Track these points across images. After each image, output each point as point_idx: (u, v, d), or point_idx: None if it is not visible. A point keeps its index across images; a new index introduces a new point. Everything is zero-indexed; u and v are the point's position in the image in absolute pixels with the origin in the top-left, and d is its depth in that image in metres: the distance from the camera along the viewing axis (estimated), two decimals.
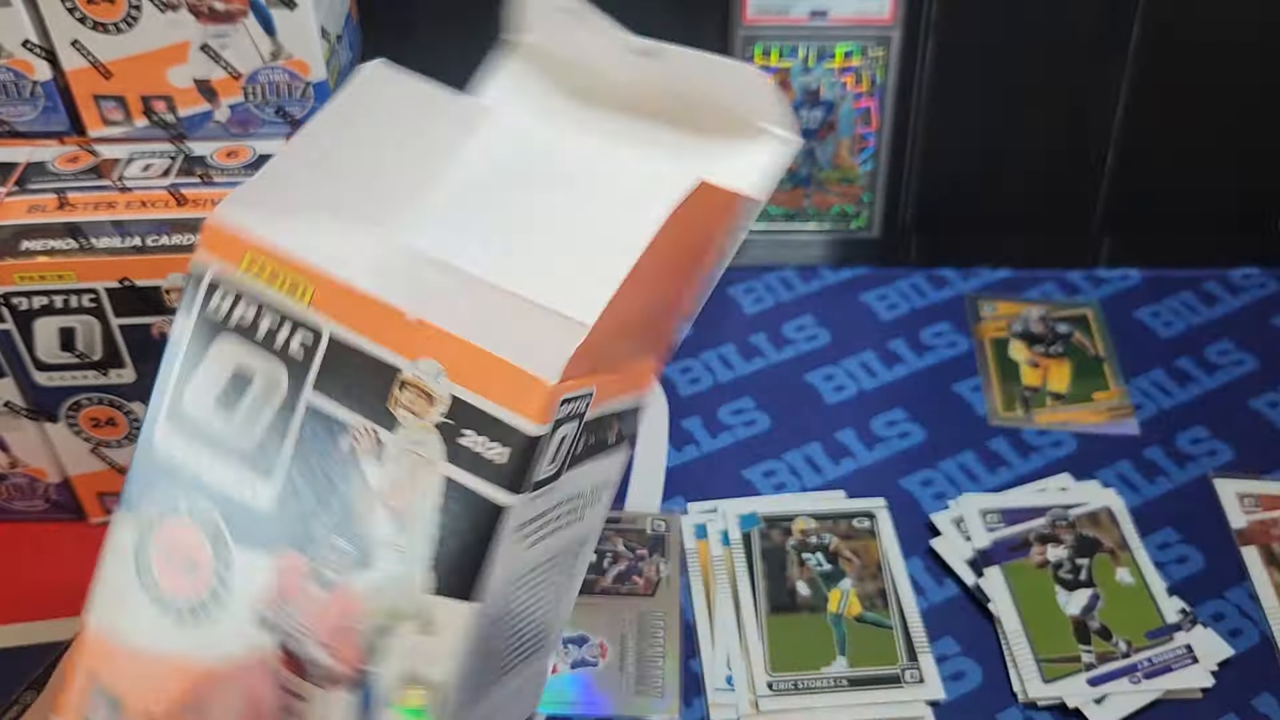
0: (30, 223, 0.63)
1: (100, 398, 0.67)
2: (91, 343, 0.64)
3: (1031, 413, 0.82)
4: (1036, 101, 0.88)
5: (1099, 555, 0.71)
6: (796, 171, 0.90)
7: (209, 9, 0.65)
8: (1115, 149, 0.90)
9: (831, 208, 0.92)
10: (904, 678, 0.66)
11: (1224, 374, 0.84)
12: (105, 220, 0.64)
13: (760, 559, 0.71)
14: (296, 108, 0.69)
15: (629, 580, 0.71)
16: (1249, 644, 0.68)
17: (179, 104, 0.69)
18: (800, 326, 0.89)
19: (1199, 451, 0.79)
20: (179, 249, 0.62)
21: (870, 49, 0.86)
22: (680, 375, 0.85)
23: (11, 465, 0.70)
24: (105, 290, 0.62)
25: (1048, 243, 0.93)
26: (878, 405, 0.82)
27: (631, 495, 0.76)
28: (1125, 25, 0.85)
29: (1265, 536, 0.73)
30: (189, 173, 0.67)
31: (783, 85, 0.87)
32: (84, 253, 0.62)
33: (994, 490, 0.76)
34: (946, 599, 0.70)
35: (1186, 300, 0.91)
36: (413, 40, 0.84)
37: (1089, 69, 0.86)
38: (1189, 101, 0.88)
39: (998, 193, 0.92)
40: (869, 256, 0.94)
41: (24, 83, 0.67)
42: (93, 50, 0.66)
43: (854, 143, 0.89)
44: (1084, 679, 0.65)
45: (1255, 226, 0.93)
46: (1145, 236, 0.93)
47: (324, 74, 0.68)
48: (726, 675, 0.66)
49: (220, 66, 0.67)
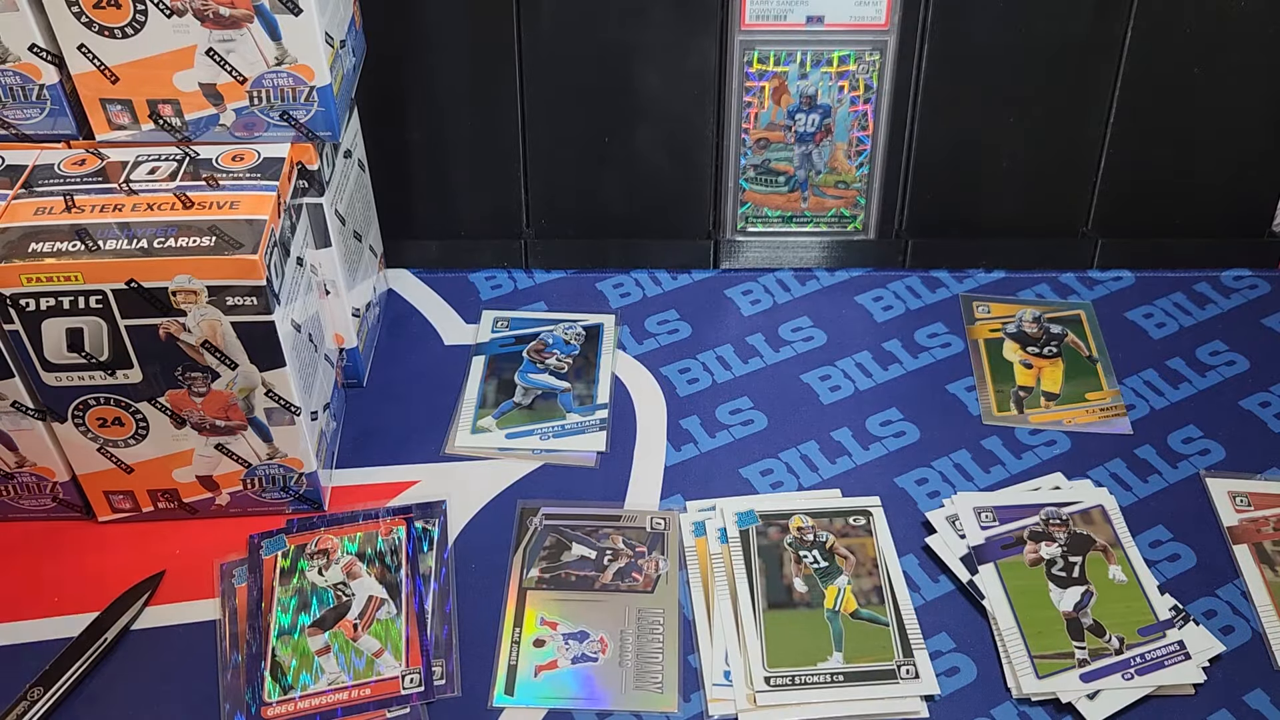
0: (38, 225, 0.64)
1: (107, 398, 0.67)
2: (99, 343, 0.65)
3: (1025, 412, 0.82)
4: (1030, 105, 0.88)
5: (1092, 553, 0.72)
6: (794, 175, 0.91)
7: (214, 14, 0.66)
8: (1108, 152, 0.90)
9: (828, 211, 0.93)
10: (899, 673, 0.66)
11: (1215, 374, 0.85)
12: (112, 223, 0.64)
13: (758, 556, 0.72)
14: (301, 112, 0.70)
15: (629, 577, 0.72)
16: (1241, 641, 0.69)
17: (185, 108, 0.69)
18: (797, 328, 0.89)
19: (1191, 451, 0.80)
20: (185, 251, 0.63)
21: (866, 54, 0.86)
22: (679, 375, 0.86)
23: (20, 464, 0.71)
24: (112, 291, 0.63)
25: (1041, 245, 0.94)
26: (873, 405, 0.83)
27: (631, 493, 0.77)
28: (1118, 30, 0.85)
29: (1256, 534, 0.74)
30: (195, 176, 0.68)
31: (780, 90, 0.88)
32: (91, 254, 0.62)
33: (988, 489, 0.77)
34: (941, 595, 0.71)
35: (1178, 301, 0.91)
36: (415, 46, 0.85)
37: (1082, 73, 0.87)
38: (1181, 106, 0.89)
39: (992, 195, 0.92)
40: (865, 259, 0.94)
41: (31, 86, 0.68)
42: (99, 54, 0.67)
43: (850, 147, 0.90)
44: (1077, 675, 0.66)
45: (1246, 229, 0.94)
46: (1137, 238, 0.94)
47: (328, 79, 0.69)
48: (725, 670, 0.67)
49: (226, 71, 0.68)
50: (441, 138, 0.89)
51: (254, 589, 0.70)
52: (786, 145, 0.90)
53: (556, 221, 0.94)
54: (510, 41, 0.85)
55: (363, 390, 0.85)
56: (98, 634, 0.67)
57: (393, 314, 0.91)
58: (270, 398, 0.69)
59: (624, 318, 0.91)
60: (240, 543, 0.73)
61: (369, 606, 0.69)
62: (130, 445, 0.70)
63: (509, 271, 0.95)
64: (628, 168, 0.91)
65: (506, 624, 0.69)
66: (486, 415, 0.82)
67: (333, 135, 0.72)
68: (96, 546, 0.74)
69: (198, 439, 0.70)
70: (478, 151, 0.90)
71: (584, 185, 0.92)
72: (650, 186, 0.92)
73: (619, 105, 0.88)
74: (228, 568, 0.72)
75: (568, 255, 0.95)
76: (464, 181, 0.92)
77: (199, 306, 0.64)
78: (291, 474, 0.73)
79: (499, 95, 0.88)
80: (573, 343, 0.88)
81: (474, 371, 0.86)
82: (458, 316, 0.91)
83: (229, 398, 0.68)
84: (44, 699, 0.64)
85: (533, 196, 0.92)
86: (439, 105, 0.88)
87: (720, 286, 0.93)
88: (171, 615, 0.70)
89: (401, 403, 0.84)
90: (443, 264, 0.95)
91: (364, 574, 0.71)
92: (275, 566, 0.71)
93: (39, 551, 0.73)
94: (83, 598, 0.70)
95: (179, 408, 0.68)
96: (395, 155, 0.89)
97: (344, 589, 0.70)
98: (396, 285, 0.94)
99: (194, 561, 0.72)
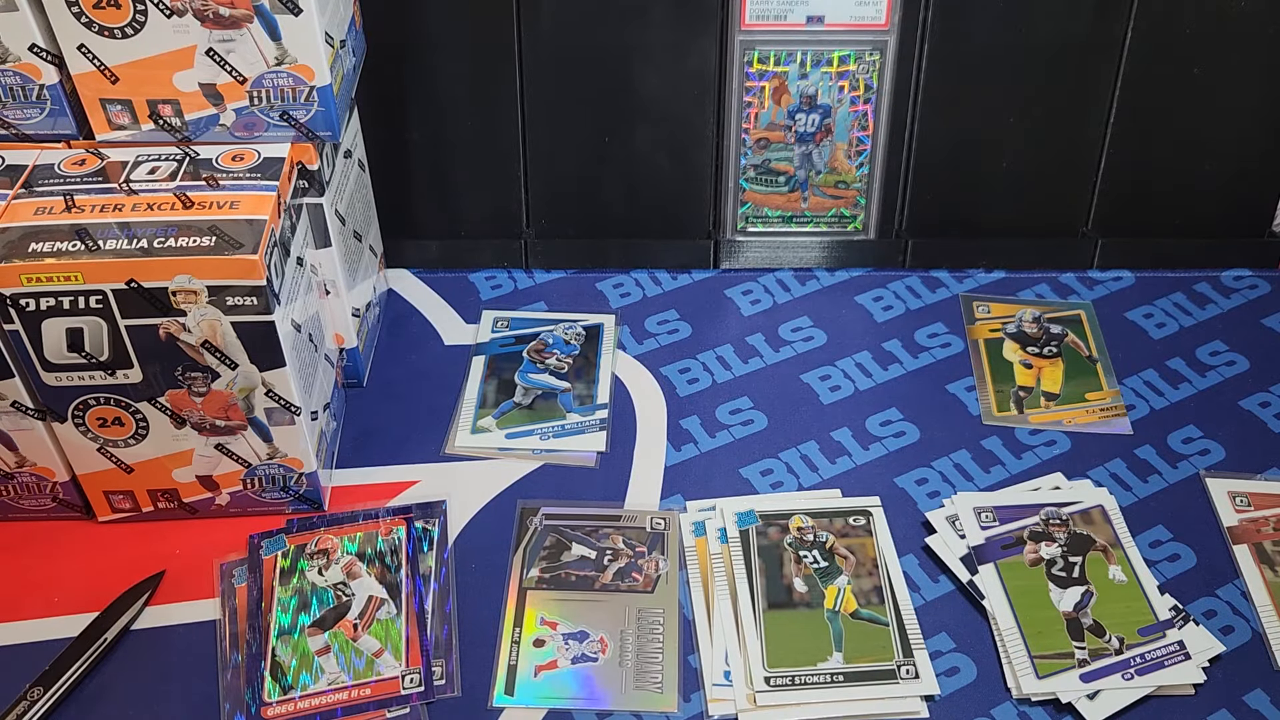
0: (38, 225, 0.64)
1: (107, 398, 0.67)
2: (99, 343, 0.65)
3: (1025, 412, 0.82)
4: (1030, 105, 0.88)
5: (1092, 553, 0.72)
6: (794, 175, 0.91)
7: (214, 14, 0.66)
8: (1108, 152, 0.90)
9: (828, 211, 0.93)
10: (899, 673, 0.66)
11: (1215, 374, 0.85)
12: (112, 222, 0.64)
13: (758, 556, 0.72)
14: (301, 112, 0.70)
15: (629, 577, 0.72)
16: (1241, 641, 0.69)
17: (185, 108, 0.69)
18: (797, 328, 0.89)
19: (1191, 451, 0.80)
20: (185, 251, 0.63)
21: (866, 54, 0.86)
22: (679, 375, 0.86)
23: (20, 464, 0.71)
24: (112, 291, 0.63)
25: (1041, 245, 0.94)
26: (873, 405, 0.83)
27: (631, 493, 0.77)
28: (1118, 30, 0.85)
29: (1256, 534, 0.74)
30: (195, 176, 0.68)
31: (780, 90, 0.88)
32: (91, 254, 0.62)
33: (988, 489, 0.77)
34: (941, 596, 0.71)
35: (1178, 301, 0.91)
36: (415, 47, 0.85)
37: (1082, 73, 0.87)
38: (1181, 106, 0.89)
39: (992, 195, 0.92)
40: (865, 259, 0.94)
41: (31, 86, 0.68)
42: (99, 55, 0.67)
43: (850, 147, 0.90)
44: (1077, 675, 0.66)
45: (1247, 229, 0.94)
46: (1138, 239, 0.94)
47: (328, 79, 0.69)
48: (725, 670, 0.67)
49: (226, 71, 0.68)
50: (442, 137, 0.89)
51: (254, 589, 0.70)
52: (787, 145, 0.90)
53: (557, 221, 0.94)
54: (510, 41, 0.85)
55: (363, 390, 0.85)
56: (97, 634, 0.67)
57: (393, 314, 0.91)
58: (270, 398, 0.69)
59: (624, 318, 0.90)
60: (240, 543, 0.73)
61: (369, 606, 0.69)
62: (130, 445, 0.70)
63: (509, 271, 0.95)
64: (628, 168, 0.91)
65: (506, 624, 0.69)
66: (486, 415, 0.82)
67: (333, 135, 0.72)
68: (96, 546, 0.74)
69: (198, 439, 0.70)
70: (478, 151, 0.90)
71: (584, 185, 0.92)
72: (650, 186, 0.92)
73: (619, 105, 0.88)
74: (228, 568, 0.72)
75: (568, 255, 0.95)
76: (464, 181, 0.92)
77: (199, 306, 0.64)
78: (291, 474, 0.73)
79: (499, 95, 0.87)
80: (573, 343, 0.88)
81: (474, 371, 0.86)
82: (458, 316, 0.91)
83: (229, 398, 0.68)
84: (44, 699, 0.64)
85: (533, 196, 0.92)
86: (439, 105, 0.88)
87: (720, 286, 0.93)
88: (171, 615, 0.70)
89: (401, 403, 0.84)
90: (443, 264, 0.95)
91: (364, 574, 0.71)
92: (275, 566, 0.71)
93: (39, 551, 0.73)
94: (82, 598, 0.70)
95: (179, 408, 0.68)
96: (395, 155, 0.89)
97: (344, 589, 0.70)
98: (396, 285, 0.94)
99: (194, 561, 0.72)
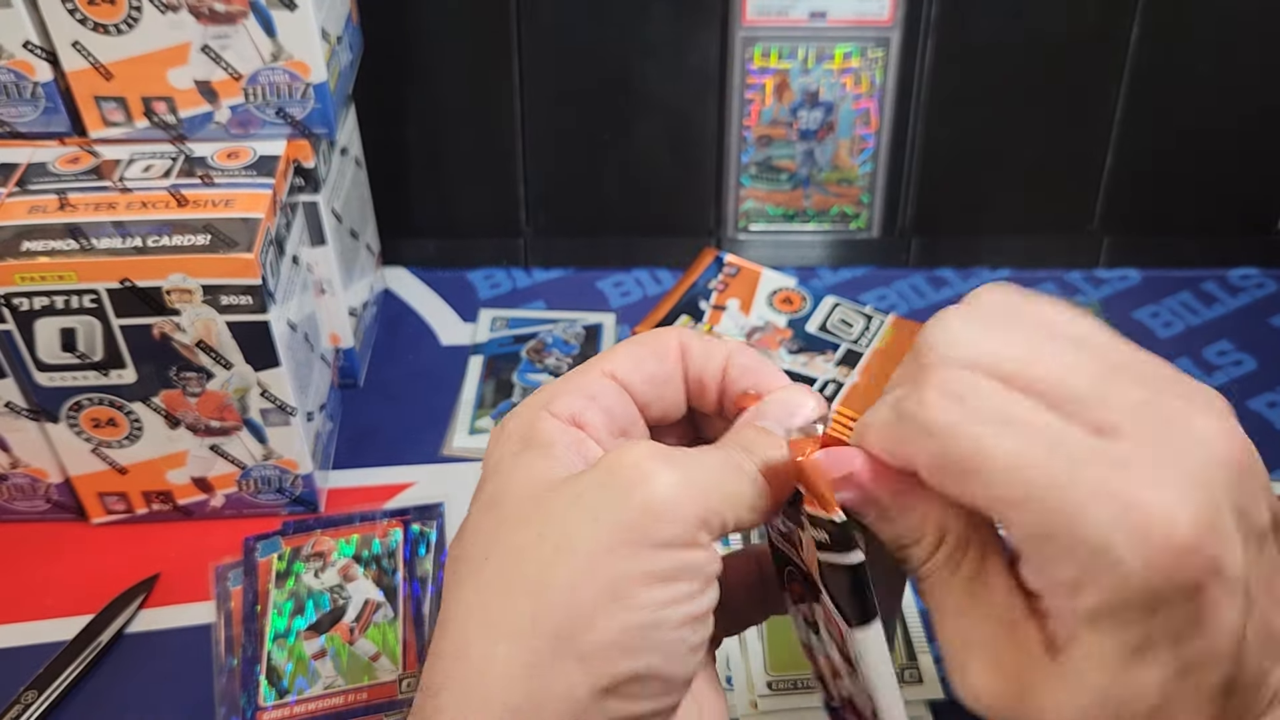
0: (31, 223, 0.63)
1: (101, 398, 0.67)
2: (92, 343, 0.64)
3: None
4: (1035, 102, 0.88)
5: None
6: (796, 172, 0.91)
7: (209, 10, 0.65)
8: (1114, 149, 0.90)
9: (831, 209, 0.92)
10: (902, 677, 0.66)
11: (1223, 374, 0.85)
12: (106, 221, 0.64)
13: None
14: (297, 109, 0.69)
15: None
16: None
17: (180, 105, 0.69)
18: None
19: None
20: (180, 250, 0.62)
21: (870, 50, 0.86)
22: None
23: (12, 465, 0.71)
24: (106, 291, 0.62)
25: (1047, 243, 0.93)
26: None
27: None
28: (1124, 26, 0.85)
29: None
30: (190, 174, 0.67)
31: (782, 86, 0.87)
32: (85, 253, 0.62)
33: None
34: None
35: (1185, 300, 0.91)
36: (412, 42, 0.85)
37: (1088, 69, 0.87)
38: (1188, 103, 0.88)
39: (997, 193, 0.92)
40: (868, 257, 0.94)
41: (25, 84, 0.67)
42: (93, 51, 0.66)
43: (853, 144, 0.89)
44: None
45: (1254, 227, 0.93)
46: (1144, 237, 0.93)
47: (324, 75, 0.68)
48: (726, 675, 0.66)
49: (221, 68, 0.67)
50: (440, 134, 0.89)
51: (249, 592, 0.69)
52: (789, 142, 0.90)
53: (556, 219, 0.93)
54: (509, 36, 0.85)
55: (359, 390, 0.84)
56: (91, 637, 0.67)
57: (390, 313, 0.90)
58: (265, 398, 0.68)
59: (624, 317, 0.90)
60: (235, 545, 0.72)
61: (365, 610, 0.68)
62: (124, 446, 0.69)
63: (508, 270, 0.94)
64: (628, 165, 0.90)
65: None
66: (485, 416, 0.81)
67: (329, 132, 0.71)
68: (90, 549, 0.73)
69: (192, 440, 0.70)
70: (476, 148, 0.89)
71: (584, 182, 0.91)
72: (651, 184, 0.91)
73: (619, 101, 0.87)
74: (222, 570, 0.71)
75: (567, 253, 0.94)
76: (462, 178, 0.91)
77: (193, 306, 0.63)
78: (287, 475, 0.72)
79: (498, 91, 0.87)
80: (572, 342, 0.87)
81: (472, 371, 0.85)
82: (456, 315, 0.90)
83: (224, 398, 0.68)
84: (37, 703, 0.64)
85: (532, 193, 0.92)
86: (437, 101, 0.87)
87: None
88: (166, 618, 0.69)
89: (399, 403, 0.83)
90: (441, 262, 0.94)
91: (360, 577, 0.70)
92: (270, 569, 0.70)
93: (32, 554, 0.73)
94: (76, 601, 0.70)
95: (173, 408, 0.68)
96: (392, 152, 0.89)
97: (340, 592, 0.69)
98: (394, 284, 0.93)
99: (188, 564, 0.72)
